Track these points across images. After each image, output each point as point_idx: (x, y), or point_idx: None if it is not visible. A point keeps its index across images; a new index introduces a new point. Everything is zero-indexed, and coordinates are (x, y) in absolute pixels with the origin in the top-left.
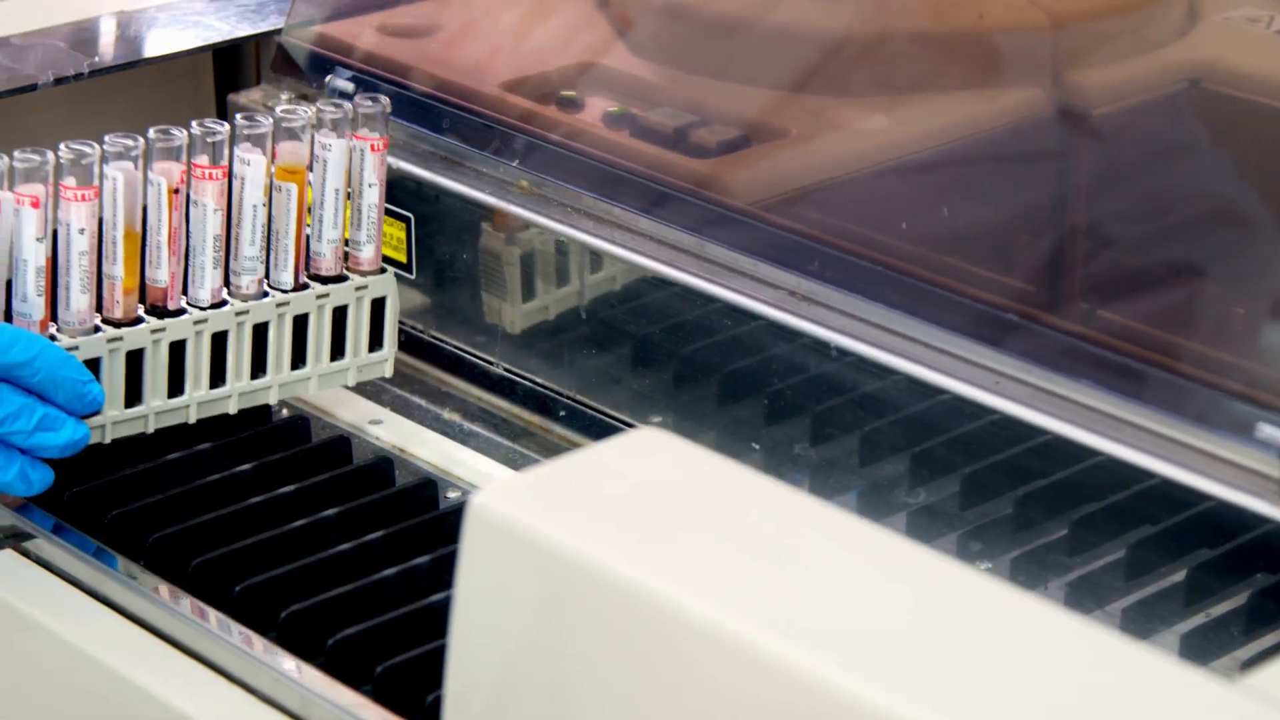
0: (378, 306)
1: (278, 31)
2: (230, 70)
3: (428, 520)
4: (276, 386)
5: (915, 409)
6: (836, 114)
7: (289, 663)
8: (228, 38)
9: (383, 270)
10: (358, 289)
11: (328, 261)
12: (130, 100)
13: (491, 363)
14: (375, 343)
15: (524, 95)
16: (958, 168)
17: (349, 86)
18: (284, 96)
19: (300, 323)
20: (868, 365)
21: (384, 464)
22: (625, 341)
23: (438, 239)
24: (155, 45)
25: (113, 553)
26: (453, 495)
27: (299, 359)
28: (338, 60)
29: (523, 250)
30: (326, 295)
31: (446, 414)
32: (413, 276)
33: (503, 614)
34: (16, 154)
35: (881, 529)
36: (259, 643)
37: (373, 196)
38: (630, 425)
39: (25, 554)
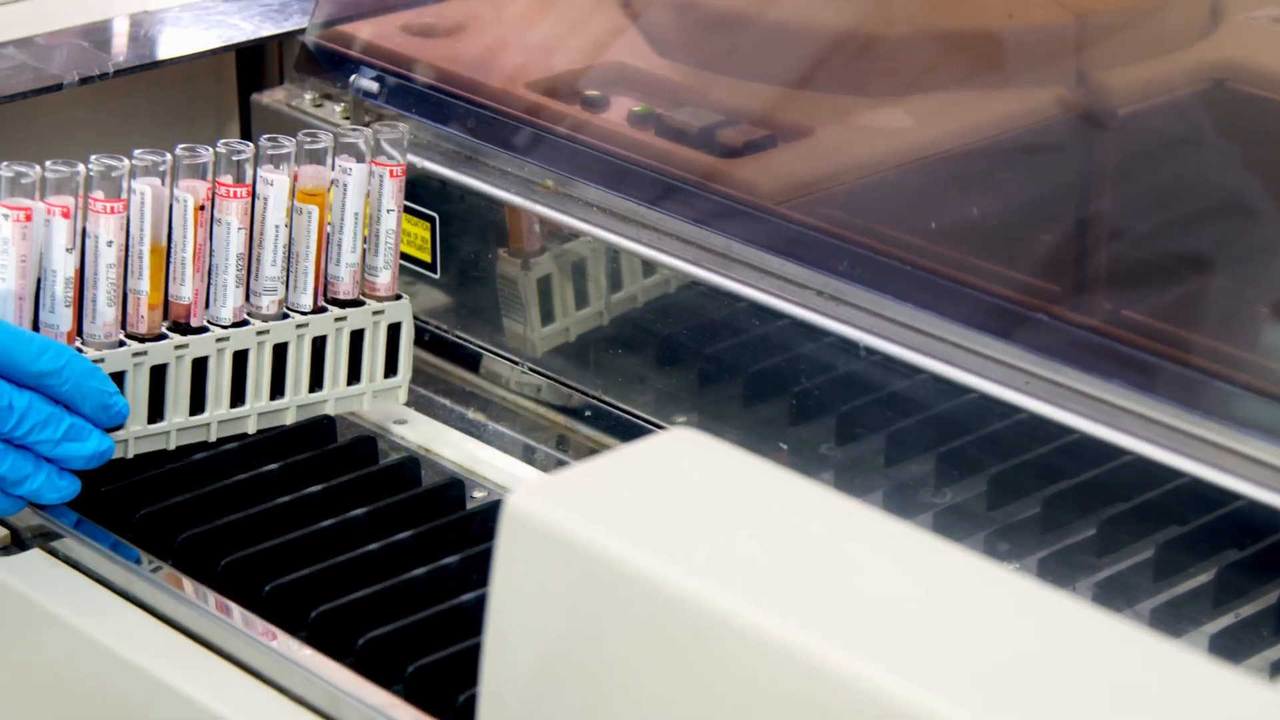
0: (393, 332)
1: (301, 31)
2: (253, 70)
3: (456, 520)
4: (294, 408)
5: (942, 408)
6: (861, 113)
7: (320, 662)
8: (251, 37)
9: (399, 297)
10: (374, 314)
11: (345, 285)
12: (153, 99)
13: (516, 362)
14: (390, 368)
15: (548, 95)
16: (983, 166)
17: (373, 86)
18: (307, 96)
19: (318, 345)
20: (894, 364)
21: (410, 464)
22: (650, 341)
23: (461, 238)
24: (179, 45)
25: (141, 552)
26: (478, 495)
27: (316, 381)
28: (361, 60)
29: (539, 274)
30: (344, 319)
31: (471, 414)
32: (436, 276)
33: (538, 614)
34: (48, 164)
35: (917, 528)
36: (289, 642)
37: (390, 222)
38: (655, 425)
39: (53, 553)
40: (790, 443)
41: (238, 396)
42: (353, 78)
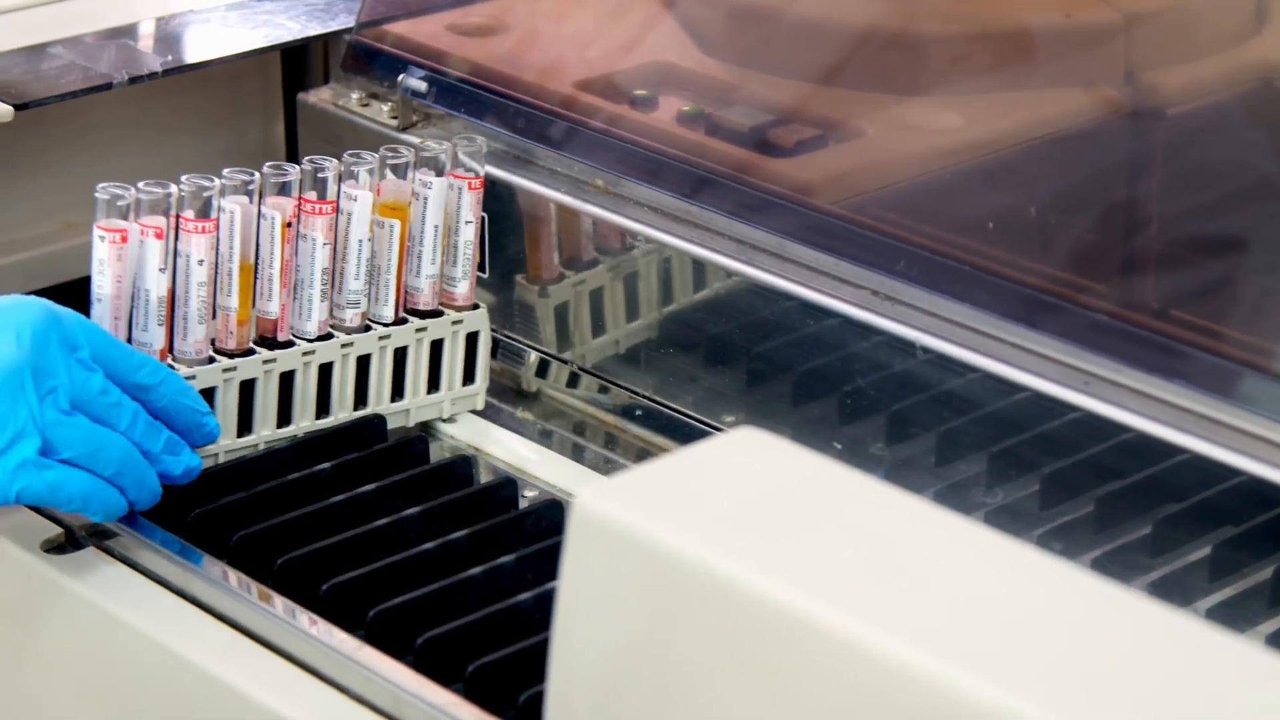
0: (471, 340)
1: (347, 31)
2: (297, 69)
3: (510, 519)
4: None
5: (994, 407)
6: (911, 113)
7: (380, 661)
8: (298, 37)
9: (476, 306)
10: (454, 324)
11: (425, 296)
12: (199, 99)
13: (566, 361)
14: (468, 376)
15: (597, 94)
16: (1033, 166)
17: (422, 86)
18: (354, 96)
19: (399, 355)
20: (946, 363)
21: (462, 463)
22: (702, 341)
23: (510, 237)
24: (226, 44)
25: (197, 550)
26: (529, 494)
27: (396, 390)
28: (410, 59)
29: (556, 302)
30: (425, 329)
31: (520, 413)
32: (485, 275)
33: (607, 614)
34: (141, 185)
35: (986, 528)
36: (349, 641)
37: (469, 233)
38: (705, 424)
39: (108, 552)
40: (842, 441)
41: (322, 408)
42: (401, 77)
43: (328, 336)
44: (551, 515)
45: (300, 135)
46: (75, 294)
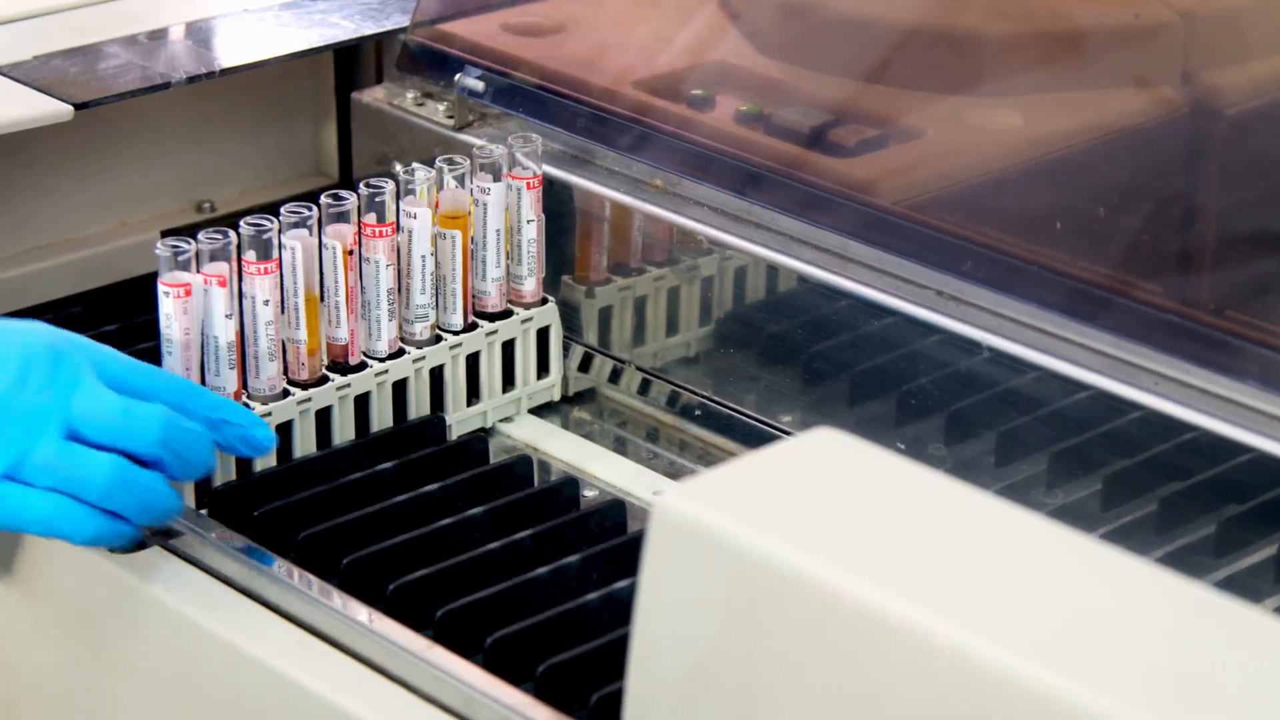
0: (542, 334)
1: (401, 30)
2: (348, 68)
3: (574, 519)
4: (455, 424)
5: (1055, 406)
6: (971, 113)
7: (451, 661)
8: (353, 36)
9: (545, 301)
10: (523, 322)
11: (493, 299)
12: (252, 98)
13: (624, 361)
14: (541, 369)
15: (654, 93)
16: (1093, 166)
17: (479, 85)
18: (409, 95)
19: (472, 360)
20: (1007, 361)
21: (522, 462)
22: (761, 340)
23: (568, 237)
24: (281, 44)
25: (263, 549)
26: (589, 494)
27: (472, 394)
28: (466, 59)
29: (608, 302)
30: (495, 331)
31: (576, 412)
32: (543, 274)
33: (689, 615)
34: (201, 236)
35: (1068, 528)
36: (418, 640)
37: (531, 231)
38: (765, 424)
39: (173, 551)
40: (901, 442)
41: (399, 422)
42: (457, 77)
43: (399, 354)
44: (615, 515)
45: (354, 135)
46: (129, 293)
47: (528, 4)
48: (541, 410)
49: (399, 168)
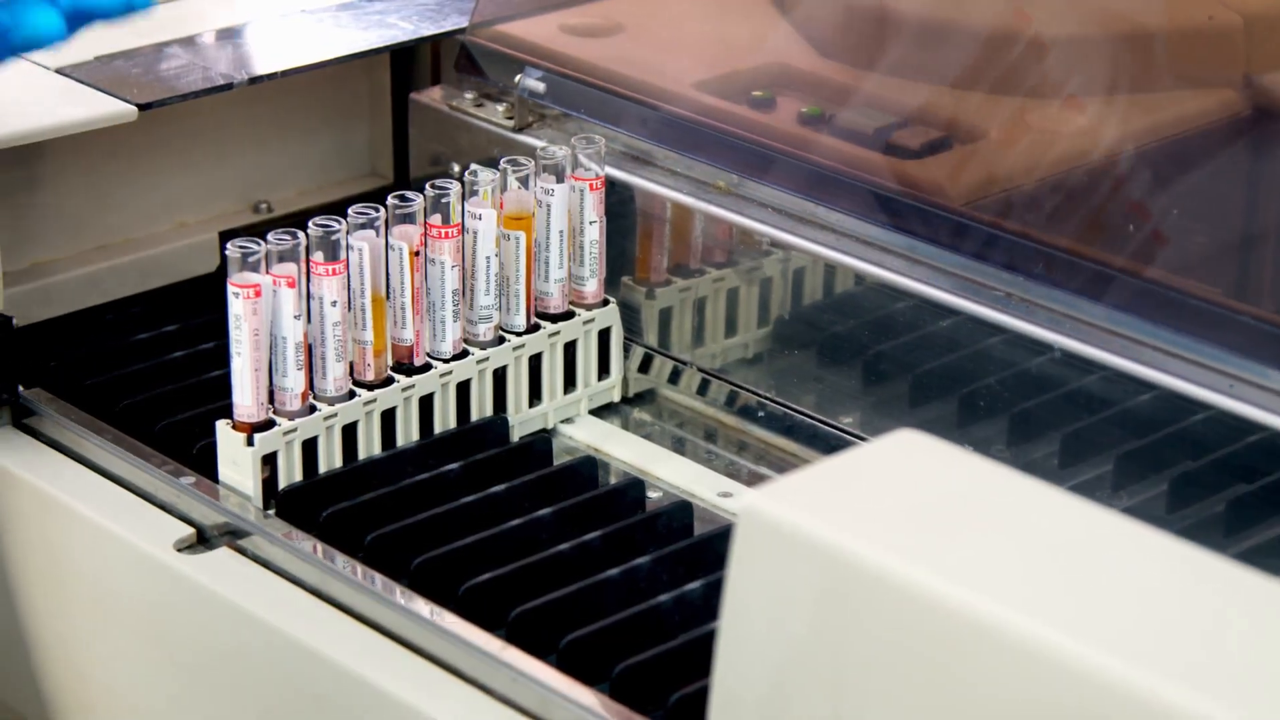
0: (603, 335)
1: (459, 31)
2: (403, 68)
3: (641, 521)
4: (517, 425)
5: (1118, 408)
6: (1033, 115)
7: (527, 662)
8: (411, 37)
9: (606, 302)
10: (585, 323)
11: (555, 300)
12: (309, 98)
13: (684, 362)
14: (602, 371)
15: (716, 95)
16: (1158, 168)
17: (540, 86)
18: (468, 96)
19: (534, 361)
20: (1073, 362)
21: (587, 464)
22: (822, 341)
23: (629, 238)
24: (340, 45)
25: (331, 549)
26: (652, 495)
27: (534, 395)
28: (526, 60)
29: (669, 303)
30: (558, 333)
31: (636, 413)
32: (604, 275)
33: (778, 616)
34: (271, 237)
35: (1155, 529)
36: (493, 641)
37: (593, 233)
38: (828, 425)
39: (242, 551)
40: (970, 442)
41: (463, 422)
42: (518, 78)
43: (463, 354)
44: (682, 517)
45: (411, 136)
46: (189, 293)
47: (584, 5)
48: (602, 411)
49: (457, 168)
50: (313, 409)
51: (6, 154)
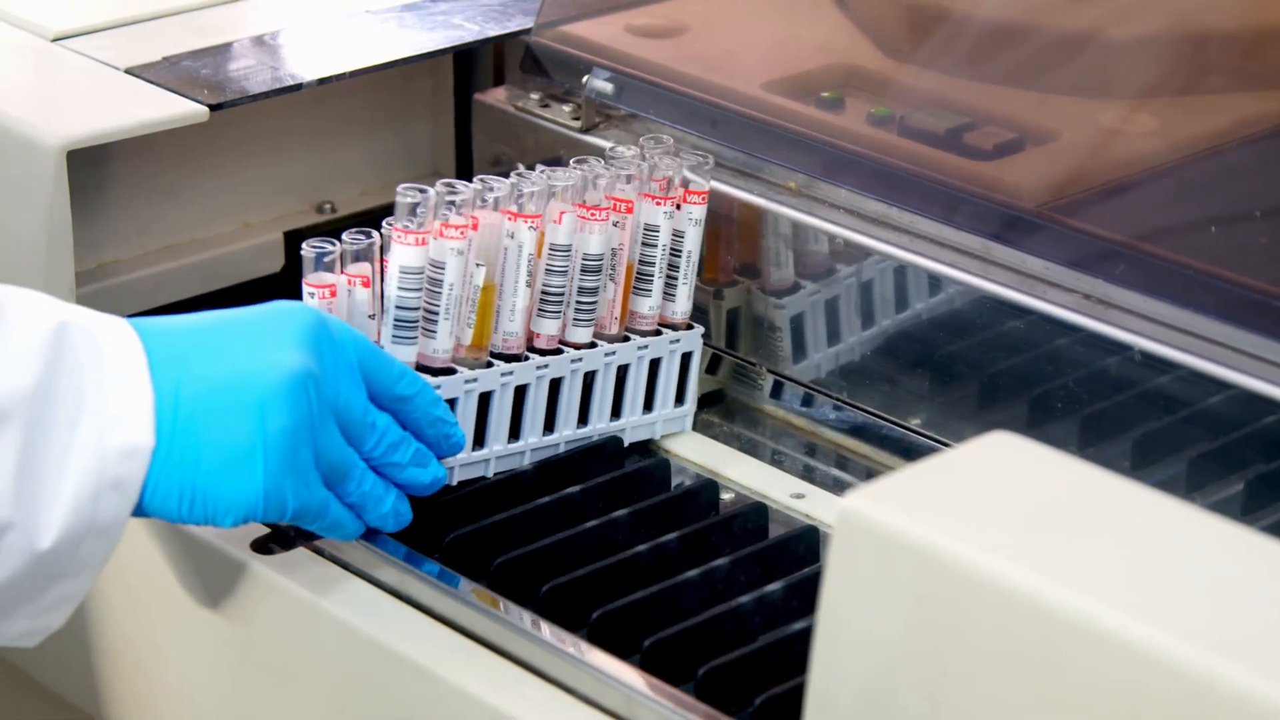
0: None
1: (523, 32)
2: (465, 69)
3: (717, 522)
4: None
5: (1194, 409)
6: (1105, 116)
7: (611, 663)
8: (478, 38)
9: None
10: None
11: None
12: (371, 99)
13: (753, 363)
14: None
15: (784, 95)
16: (1231, 169)
17: (608, 88)
18: (534, 97)
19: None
20: (1153, 363)
21: (660, 466)
22: (898, 342)
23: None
24: (405, 45)
25: (409, 549)
26: (725, 497)
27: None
28: (593, 61)
29: (737, 304)
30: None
31: (704, 414)
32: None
33: (876, 617)
34: (345, 236)
35: (1258, 531)
36: (578, 643)
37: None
38: (901, 426)
39: (320, 553)
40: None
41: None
42: (586, 79)
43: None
44: (757, 519)
45: (475, 137)
46: (254, 294)
47: (649, 6)
48: None
49: (522, 168)
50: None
51: (75, 154)
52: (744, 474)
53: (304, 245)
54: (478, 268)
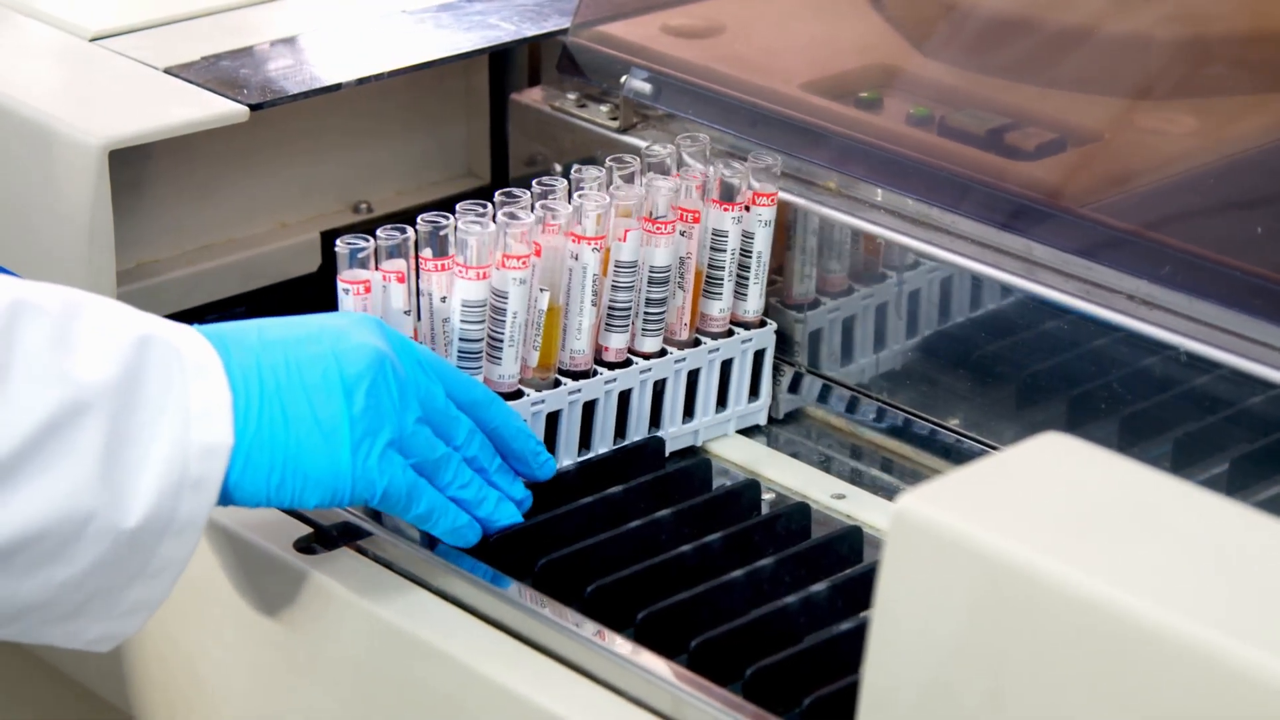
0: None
1: (560, 32)
2: (500, 70)
3: (761, 522)
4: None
5: (1235, 409)
6: (1146, 117)
7: (659, 664)
8: (515, 38)
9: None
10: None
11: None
12: (406, 100)
13: (791, 363)
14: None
15: (823, 95)
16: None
17: (646, 88)
18: (570, 97)
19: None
20: (1196, 364)
21: (701, 466)
22: (936, 341)
23: None
24: (442, 45)
25: (452, 549)
26: (765, 497)
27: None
28: (631, 61)
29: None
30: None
31: None
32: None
33: (931, 618)
34: (380, 232)
35: None
36: (625, 643)
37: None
38: (941, 427)
39: (363, 552)
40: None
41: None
42: (624, 79)
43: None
44: (800, 519)
45: (511, 137)
46: (287, 294)
47: (685, 6)
48: None
49: (559, 168)
50: None
51: (114, 154)
52: (784, 474)
53: (338, 242)
54: (541, 292)
